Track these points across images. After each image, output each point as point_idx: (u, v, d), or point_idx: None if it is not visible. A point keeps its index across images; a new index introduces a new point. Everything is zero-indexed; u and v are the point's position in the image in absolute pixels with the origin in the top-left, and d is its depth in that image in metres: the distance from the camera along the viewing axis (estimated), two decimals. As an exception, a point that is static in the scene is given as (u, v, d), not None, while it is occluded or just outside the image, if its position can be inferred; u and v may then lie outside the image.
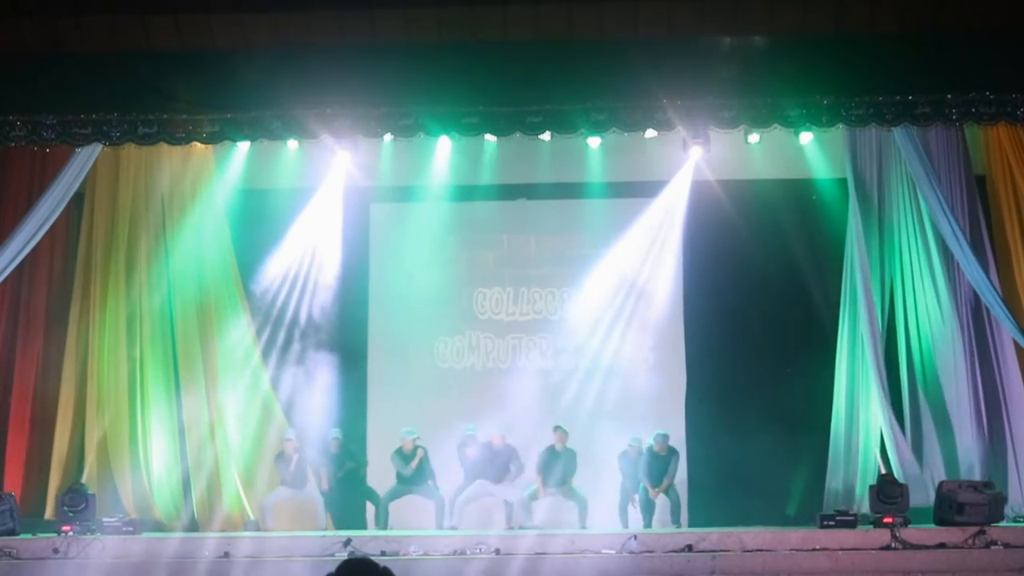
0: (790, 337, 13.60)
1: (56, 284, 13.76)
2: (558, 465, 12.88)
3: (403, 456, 12.99)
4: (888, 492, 11.78)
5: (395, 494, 13.00)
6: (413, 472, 12.93)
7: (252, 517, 13.05)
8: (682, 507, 12.96)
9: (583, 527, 12.55)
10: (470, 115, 11.92)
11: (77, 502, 11.96)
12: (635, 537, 10.92)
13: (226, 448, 13.38)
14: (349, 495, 13.33)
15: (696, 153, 13.11)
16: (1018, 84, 11.59)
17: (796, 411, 13.26)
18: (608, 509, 12.91)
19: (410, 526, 12.89)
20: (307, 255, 13.85)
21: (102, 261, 13.62)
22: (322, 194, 13.80)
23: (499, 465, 12.94)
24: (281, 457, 13.05)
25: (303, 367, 13.65)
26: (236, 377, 13.56)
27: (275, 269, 13.77)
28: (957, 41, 11.60)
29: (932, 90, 11.64)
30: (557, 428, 13.04)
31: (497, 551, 10.79)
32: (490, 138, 12.97)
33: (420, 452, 12.96)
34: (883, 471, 12.54)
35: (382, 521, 12.82)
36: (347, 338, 13.97)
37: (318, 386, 13.63)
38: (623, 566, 10.55)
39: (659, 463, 12.87)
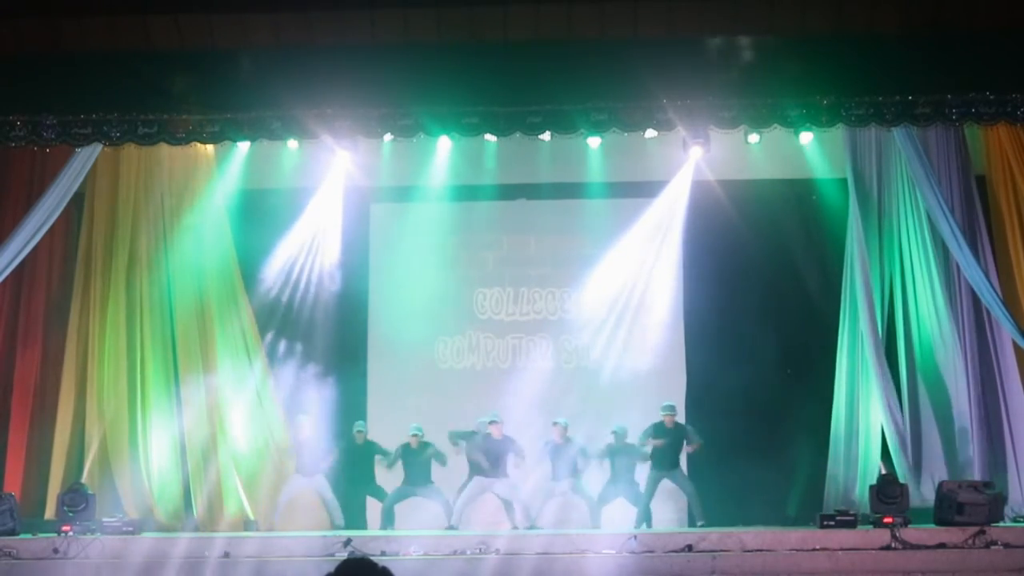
0: (790, 337, 13.60)
1: (56, 284, 13.76)
2: (561, 457, 12.86)
3: (410, 452, 13.00)
4: (888, 492, 11.78)
5: (401, 495, 13.00)
6: (419, 469, 12.94)
7: (252, 517, 13.05)
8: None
9: (596, 526, 12.54)
10: (470, 115, 11.93)
11: (77, 502, 11.95)
12: (635, 537, 10.92)
13: (226, 448, 13.37)
14: (350, 494, 13.34)
15: (696, 153, 13.12)
16: (1018, 84, 11.60)
17: (796, 411, 13.26)
18: (610, 509, 12.91)
19: (412, 526, 12.88)
20: (307, 255, 13.85)
21: (102, 261, 13.61)
22: (322, 194, 13.81)
23: (497, 456, 12.91)
24: (297, 442, 13.08)
25: (303, 367, 13.64)
26: (236, 377, 13.56)
27: (275, 269, 13.77)
28: (957, 41, 11.61)
29: (932, 90, 11.65)
30: (555, 423, 13.00)
31: (497, 551, 10.79)
32: (490, 138, 12.96)
33: (430, 449, 12.97)
34: (884, 471, 12.52)
35: (386, 521, 12.82)
36: (347, 338, 13.98)
37: (318, 386, 13.63)
38: (623, 566, 10.55)
39: (673, 438, 12.85)
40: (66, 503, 11.98)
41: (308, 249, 13.87)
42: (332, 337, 13.83)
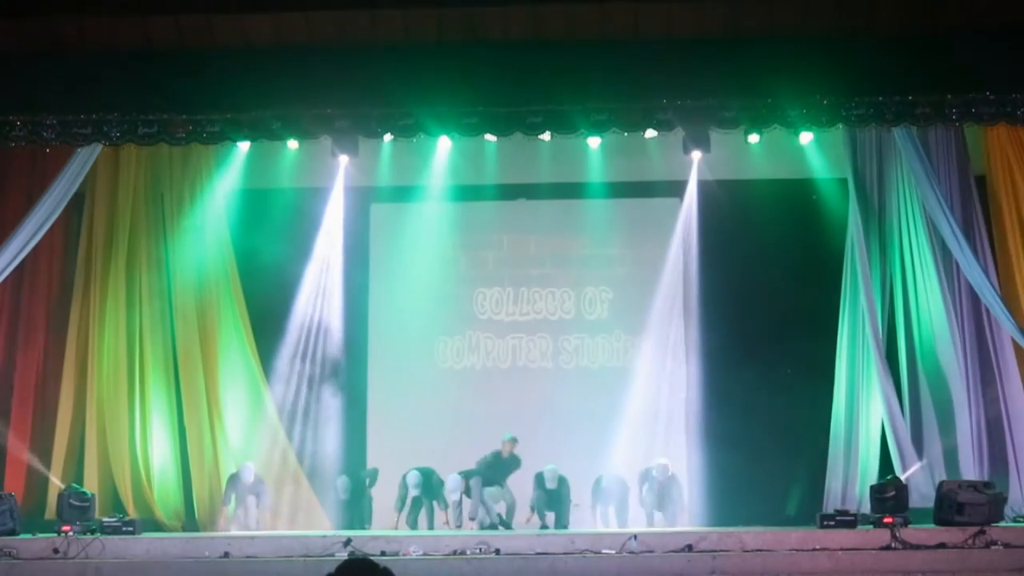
0: (790, 337, 13.58)
1: (56, 284, 13.76)
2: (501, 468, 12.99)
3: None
4: (888, 492, 11.77)
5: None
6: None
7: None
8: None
9: (508, 527, 12.55)
10: (470, 115, 11.92)
11: (77, 502, 11.94)
12: (635, 537, 10.90)
13: (226, 448, 13.39)
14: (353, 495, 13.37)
15: (696, 155, 13.12)
16: (1018, 84, 11.59)
17: (796, 411, 13.25)
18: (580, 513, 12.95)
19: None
20: (307, 255, 13.85)
21: (102, 261, 13.61)
22: (322, 194, 13.81)
23: (503, 471, 12.99)
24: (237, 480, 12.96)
25: (302, 367, 13.66)
26: (235, 376, 13.59)
27: (274, 269, 13.77)
28: (957, 41, 11.59)
29: (932, 90, 11.65)
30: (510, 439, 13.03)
31: (497, 551, 10.78)
32: (490, 138, 12.96)
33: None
34: (898, 473, 12.50)
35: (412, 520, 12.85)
36: (347, 338, 13.97)
37: (317, 386, 13.65)
38: (623, 566, 10.54)
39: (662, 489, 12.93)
40: (66, 503, 11.96)
41: (307, 249, 13.86)
42: (331, 337, 13.83)
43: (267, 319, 13.80)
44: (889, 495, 11.65)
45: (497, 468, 12.95)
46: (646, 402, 13.53)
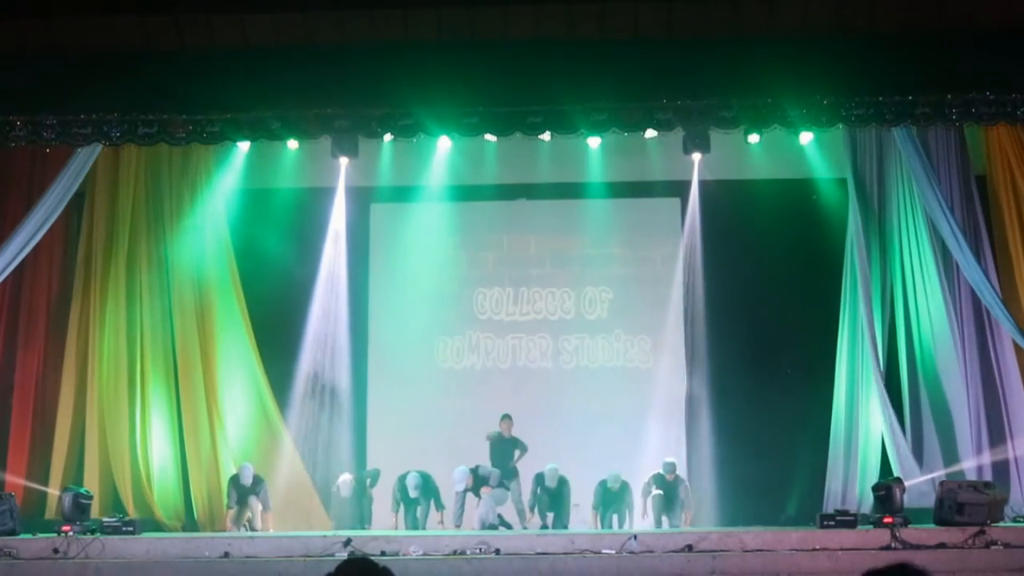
0: (790, 337, 13.59)
1: (56, 284, 13.77)
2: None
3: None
4: (887, 492, 11.76)
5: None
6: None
7: (251, 516, 13.03)
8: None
9: (509, 527, 12.57)
10: (470, 115, 11.93)
11: (77, 502, 11.94)
12: (635, 537, 10.90)
13: (226, 447, 13.39)
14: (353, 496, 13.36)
15: (696, 155, 13.14)
16: (1018, 84, 11.60)
17: (796, 411, 13.27)
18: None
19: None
20: (307, 255, 13.85)
21: (102, 261, 13.61)
22: (322, 194, 13.82)
23: (507, 451, 13.08)
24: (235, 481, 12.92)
25: (302, 367, 13.66)
26: (235, 376, 13.59)
27: (274, 269, 13.78)
28: (957, 41, 11.60)
29: (932, 90, 11.66)
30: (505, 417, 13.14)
31: (497, 551, 10.78)
32: (490, 138, 12.96)
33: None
34: (895, 474, 12.49)
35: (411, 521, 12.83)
36: (347, 338, 13.96)
37: (317, 386, 13.64)
38: (623, 566, 10.54)
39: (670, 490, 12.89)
40: (66, 503, 11.96)
41: (308, 249, 13.87)
42: (332, 336, 13.83)
43: (267, 319, 13.81)
44: (885, 494, 11.64)
45: (502, 450, 12.98)
46: (646, 402, 13.52)
